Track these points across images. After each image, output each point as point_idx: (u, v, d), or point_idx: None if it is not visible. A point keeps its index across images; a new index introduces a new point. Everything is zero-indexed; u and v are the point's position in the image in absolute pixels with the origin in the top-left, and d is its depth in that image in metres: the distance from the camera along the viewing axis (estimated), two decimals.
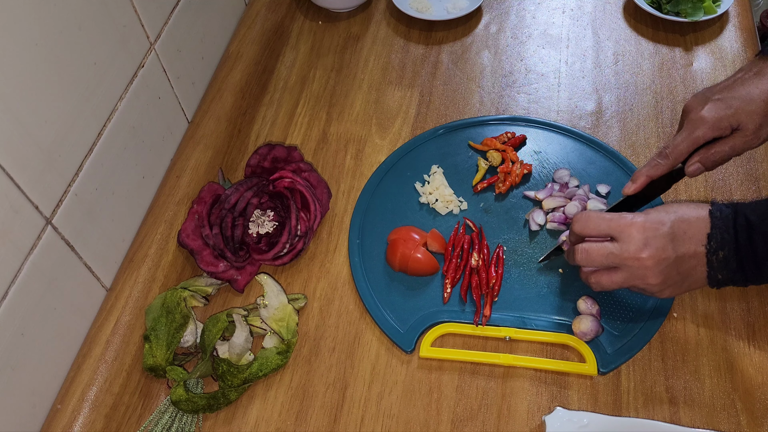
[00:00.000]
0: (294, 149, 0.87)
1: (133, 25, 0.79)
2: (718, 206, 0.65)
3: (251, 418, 0.71)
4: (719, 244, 0.63)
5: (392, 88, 1.01)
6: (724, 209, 0.64)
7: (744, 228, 0.63)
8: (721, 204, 0.65)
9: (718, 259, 0.64)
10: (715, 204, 0.65)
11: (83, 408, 0.71)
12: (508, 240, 0.83)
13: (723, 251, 0.63)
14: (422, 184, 0.88)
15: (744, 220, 0.63)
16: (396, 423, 0.70)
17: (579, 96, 0.98)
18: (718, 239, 0.63)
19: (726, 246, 0.63)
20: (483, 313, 0.76)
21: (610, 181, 0.87)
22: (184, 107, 0.94)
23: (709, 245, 0.64)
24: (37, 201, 0.65)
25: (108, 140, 0.76)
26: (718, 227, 0.64)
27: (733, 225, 0.63)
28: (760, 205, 0.64)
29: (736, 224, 0.63)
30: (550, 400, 0.71)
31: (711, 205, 0.65)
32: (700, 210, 0.65)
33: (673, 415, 0.69)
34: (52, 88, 0.66)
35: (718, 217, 0.64)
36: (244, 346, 0.73)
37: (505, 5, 1.13)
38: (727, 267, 0.64)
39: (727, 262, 0.64)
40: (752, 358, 0.72)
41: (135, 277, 0.80)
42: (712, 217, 0.64)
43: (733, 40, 1.04)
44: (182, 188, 0.88)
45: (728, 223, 0.63)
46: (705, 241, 0.64)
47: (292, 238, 0.81)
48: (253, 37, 1.07)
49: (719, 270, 0.64)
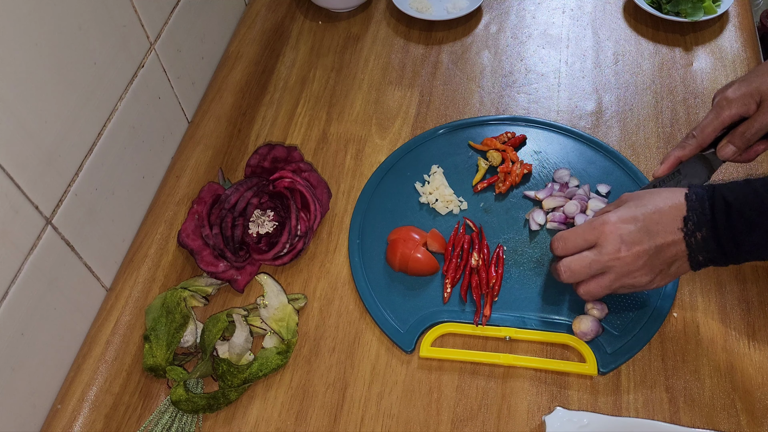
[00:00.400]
0: (294, 149, 0.87)
1: (133, 25, 0.79)
2: (694, 189, 0.65)
3: (251, 418, 0.71)
4: (696, 225, 0.64)
5: (392, 88, 1.01)
6: (700, 191, 0.65)
7: (722, 208, 0.63)
8: (698, 186, 0.66)
9: (697, 240, 0.64)
10: (691, 187, 0.66)
11: (83, 408, 0.71)
12: (508, 240, 0.83)
13: (701, 232, 0.64)
14: (422, 184, 0.88)
15: (721, 200, 0.63)
16: (396, 423, 0.70)
17: (579, 96, 0.98)
18: (694, 221, 0.64)
19: (703, 226, 0.63)
20: (483, 313, 0.76)
21: (610, 181, 0.87)
22: (184, 107, 0.94)
23: (686, 227, 0.64)
24: (37, 201, 0.65)
25: (108, 140, 0.76)
26: (693, 209, 0.64)
27: (710, 205, 0.63)
28: (737, 185, 0.64)
29: (714, 204, 0.63)
30: (550, 400, 0.71)
31: (687, 189, 0.66)
32: (676, 196, 0.65)
33: (673, 415, 0.69)
34: (52, 88, 0.66)
35: (693, 199, 0.64)
36: (244, 346, 0.73)
37: (505, 5, 1.13)
38: (706, 247, 0.64)
39: (706, 242, 0.64)
40: (752, 358, 0.72)
41: (135, 277, 0.80)
42: (687, 200, 0.65)
43: (733, 40, 1.04)
44: (182, 188, 0.88)
45: (704, 203, 0.64)
46: (681, 225, 0.64)
47: (292, 238, 0.81)
48: (253, 37, 1.07)
49: (699, 251, 0.64)
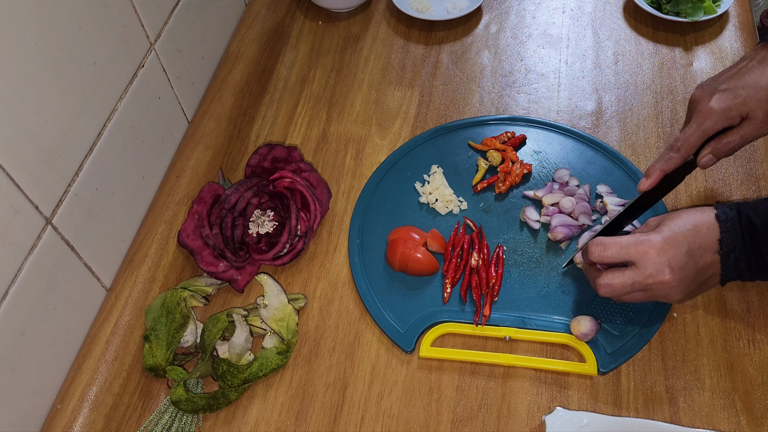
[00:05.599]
0: (294, 149, 0.87)
1: (133, 25, 0.79)
2: (722, 209, 0.65)
3: (251, 418, 0.71)
4: (730, 247, 0.64)
5: (392, 88, 1.01)
6: (729, 212, 0.65)
7: (748, 229, 0.64)
8: (725, 206, 0.66)
9: (731, 261, 0.65)
10: (719, 207, 0.66)
11: (83, 408, 0.71)
12: (508, 240, 0.83)
13: (734, 253, 0.64)
14: (422, 184, 0.88)
15: (747, 221, 0.64)
16: (396, 423, 0.70)
17: (579, 96, 0.98)
18: (728, 243, 0.64)
19: (736, 248, 0.64)
20: (483, 313, 0.76)
21: (610, 181, 0.87)
22: (184, 107, 0.94)
23: (721, 250, 0.65)
24: (37, 201, 0.65)
25: (108, 140, 0.76)
26: (727, 231, 0.64)
27: (739, 227, 0.64)
28: (762, 206, 0.64)
29: (741, 225, 0.64)
30: (550, 400, 0.71)
31: (716, 209, 0.66)
32: (707, 217, 0.65)
33: (673, 415, 0.69)
34: (52, 88, 0.66)
35: (724, 220, 0.65)
36: (244, 346, 0.73)
37: (505, 5, 1.13)
38: (738, 267, 0.65)
39: (738, 262, 0.65)
40: (752, 358, 0.72)
41: (135, 277, 0.80)
42: (719, 222, 0.65)
43: (733, 40, 1.04)
44: (182, 188, 0.88)
45: (735, 225, 0.64)
46: (717, 248, 0.65)
47: (292, 238, 0.81)
48: (253, 37, 1.07)
49: (731, 270, 0.65)
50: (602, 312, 0.76)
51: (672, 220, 0.66)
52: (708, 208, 0.66)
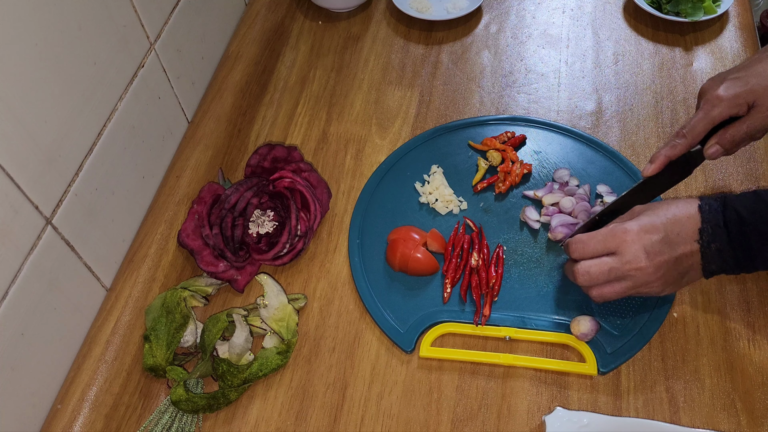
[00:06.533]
0: (294, 149, 0.87)
1: (133, 25, 0.79)
2: (706, 200, 0.66)
3: (251, 418, 0.71)
4: (711, 237, 0.64)
5: (392, 88, 1.01)
6: (713, 203, 0.65)
7: (735, 222, 0.63)
8: (710, 198, 0.66)
9: (711, 251, 0.64)
10: (703, 198, 0.66)
11: (83, 408, 0.71)
12: (508, 240, 0.83)
13: (715, 244, 0.64)
14: (422, 184, 0.88)
15: (734, 213, 0.64)
16: (396, 423, 0.70)
17: (579, 96, 0.98)
18: (709, 233, 0.64)
19: (718, 239, 0.64)
20: (483, 313, 0.76)
21: (610, 181, 0.87)
22: (184, 107, 0.94)
23: (701, 239, 0.64)
24: (37, 201, 0.65)
25: (108, 140, 0.76)
26: (708, 221, 0.64)
27: (723, 218, 0.64)
28: (748, 199, 0.64)
29: (726, 217, 0.64)
30: (550, 400, 0.71)
31: (699, 200, 0.66)
32: (689, 207, 0.66)
33: (673, 415, 0.69)
34: (52, 88, 0.66)
35: (707, 211, 0.65)
36: (244, 346, 0.73)
37: (505, 5, 1.13)
38: (720, 258, 0.65)
39: (720, 253, 0.64)
40: (752, 358, 0.72)
41: (135, 277, 0.80)
42: (701, 212, 0.65)
43: (733, 40, 1.04)
44: (182, 188, 0.88)
45: (718, 216, 0.64)
46: (697, 237, 0.65)
47: (292, 238, 0.81)
48: (253, 37, 1.07)
49: (712, 261, 0.65)
50: (602, 312, 0.76)
51: (653, 209, 0.67)
52: (692, 199, 0.66)
